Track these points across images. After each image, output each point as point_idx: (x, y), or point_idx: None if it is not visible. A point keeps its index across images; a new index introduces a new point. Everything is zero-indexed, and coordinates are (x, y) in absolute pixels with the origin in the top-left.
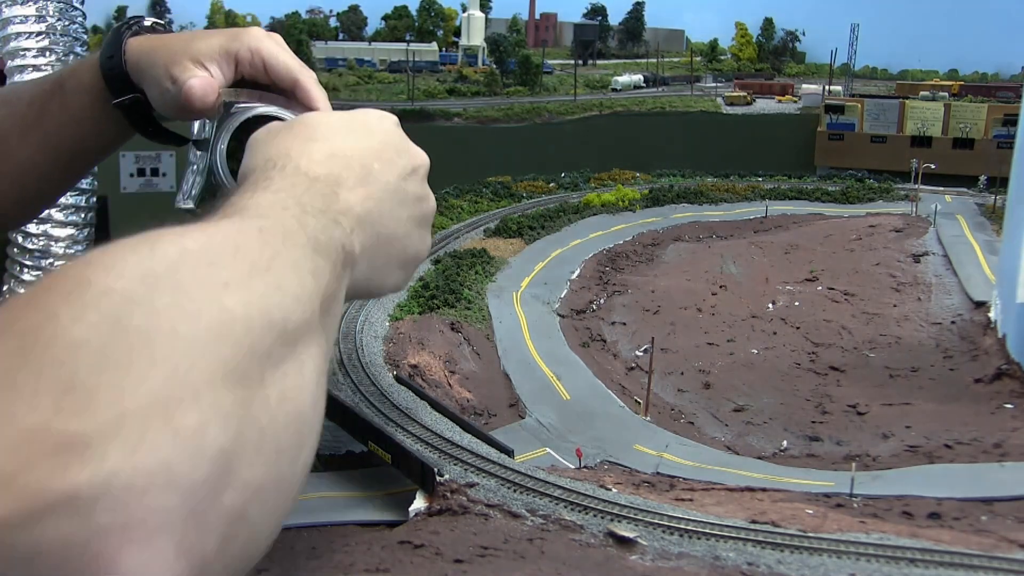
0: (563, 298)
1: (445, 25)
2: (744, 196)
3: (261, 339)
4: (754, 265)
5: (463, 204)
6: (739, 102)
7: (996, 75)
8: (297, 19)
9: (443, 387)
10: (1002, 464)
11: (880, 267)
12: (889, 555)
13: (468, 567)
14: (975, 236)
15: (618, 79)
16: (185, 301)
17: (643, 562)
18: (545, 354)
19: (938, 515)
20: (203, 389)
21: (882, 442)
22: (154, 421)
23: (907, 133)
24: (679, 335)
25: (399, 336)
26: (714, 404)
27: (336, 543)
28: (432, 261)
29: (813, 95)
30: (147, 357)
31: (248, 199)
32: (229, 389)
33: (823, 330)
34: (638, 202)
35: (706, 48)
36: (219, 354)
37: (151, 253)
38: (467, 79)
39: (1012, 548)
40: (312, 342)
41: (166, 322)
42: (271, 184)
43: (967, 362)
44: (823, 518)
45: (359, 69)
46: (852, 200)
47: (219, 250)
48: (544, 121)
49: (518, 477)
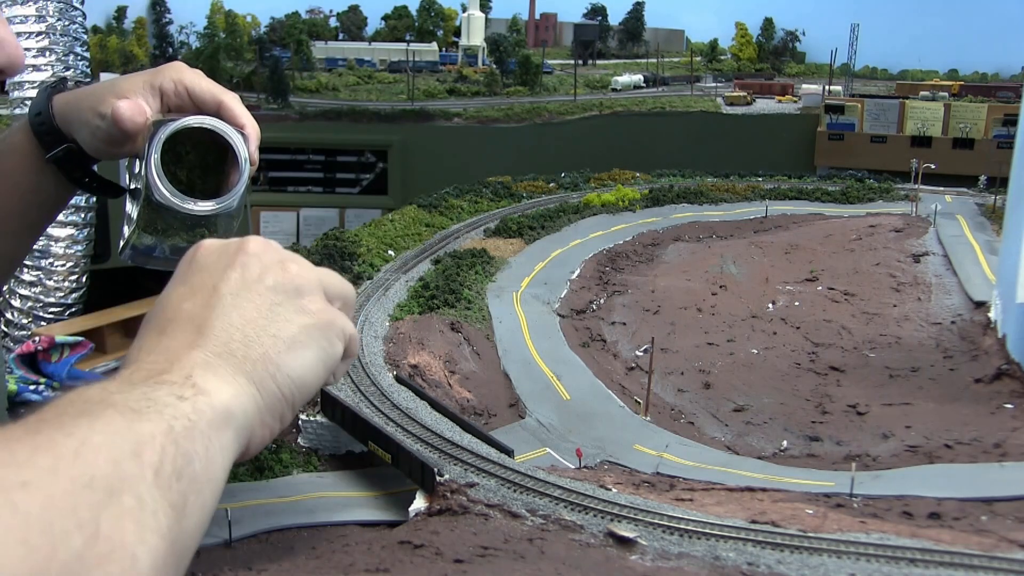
0: (563, 298)
1: (445, 25)
2: (744, 196)
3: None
4: (754, 265)
5: (463, 204)
6: (739, 102)
7: (996, 75)
8: (297, 19)
9: (443, 387)
10: (1002, 464)
11: (880, 267)
12: (889, 555)
13: (468, 567)
14: (975, 236)
15: (618, 79)
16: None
17: (643, 562)
18: (545, 354)
19: (938, 515)
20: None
21: (882, 442)
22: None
23: (907, 133)
24: (679, 335)
25: (399, 336)
26: (714, 404)
27: (336, 543)
28: (432, 261)
29: (813, 95)
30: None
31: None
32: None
33: (823, 330)
34: (638, 202)
35: (706, 48)
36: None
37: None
38: (467, 79)
39: (1012, 548)
40: (135, 494)
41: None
42: (109, 383)
43: (967, 362)
44: (823, 518)
45: (359, 69)
46: (852, 200)
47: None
48: (544, 121)
49: (518, 477)
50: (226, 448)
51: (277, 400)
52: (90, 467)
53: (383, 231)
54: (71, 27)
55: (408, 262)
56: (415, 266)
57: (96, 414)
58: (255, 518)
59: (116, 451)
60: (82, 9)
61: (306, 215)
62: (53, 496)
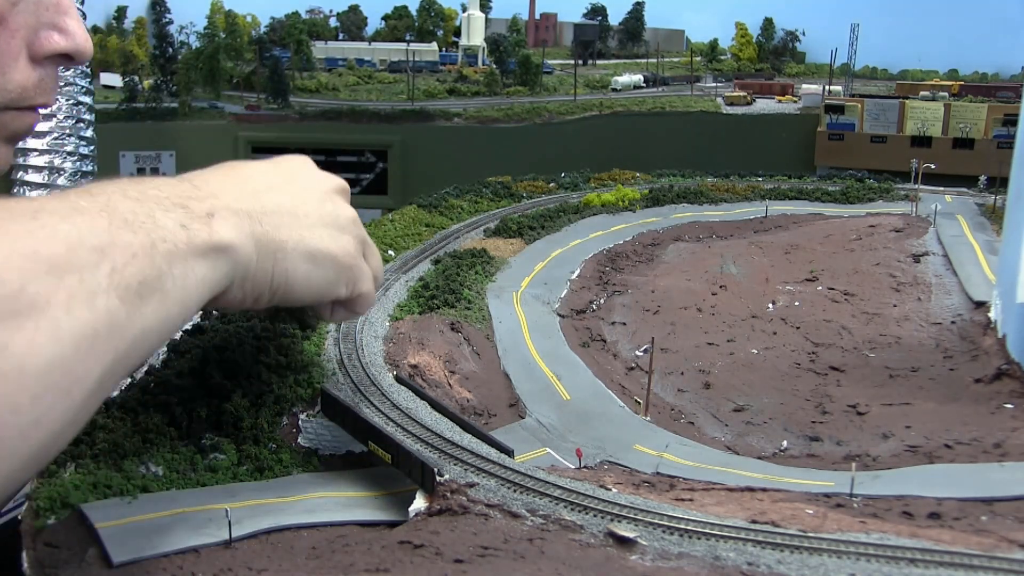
0: (563, 298)
1: (445, 25)
2: (744, 196)
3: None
4: (754, 265)
5: (463, 204)
6: (739, 102)
7: (996, 75)
8: (297, 19)
9: (443, 387)
10: (1002, 464)
11: (880, 267)
12: (889, 555)
13: (468, 567)
14: (975, 236)
15: (618, 79)
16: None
17: (643, 562)
18: (545, 354)
19: (938, 515)
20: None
21: (882, 442)
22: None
23: (907, 133)
24: (679, 335)
25: (399, 336)
26: (714, 404)
27: (336, 543)
28: (432, 261)
29: (813, 95)
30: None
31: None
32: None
33: (823, 330)
34: (638, 202)
35: (706, 48)
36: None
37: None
38: (467, 79)
39: (1012, 548)
40: (81, 277)
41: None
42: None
43: (967, 362)
44: (823, 518)
45: (359, 69)
46: (852, 200)
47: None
48: (544, 121)
49: (518, 477)
50: (206, 279)
51: (264, 277)
52: (38, 245)
53: (383, 231)
54: None
55: (408, 262)
56: (415, 266)
57: (87, 214)
58: (255, 518)
59: (75, 241)
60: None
61: None
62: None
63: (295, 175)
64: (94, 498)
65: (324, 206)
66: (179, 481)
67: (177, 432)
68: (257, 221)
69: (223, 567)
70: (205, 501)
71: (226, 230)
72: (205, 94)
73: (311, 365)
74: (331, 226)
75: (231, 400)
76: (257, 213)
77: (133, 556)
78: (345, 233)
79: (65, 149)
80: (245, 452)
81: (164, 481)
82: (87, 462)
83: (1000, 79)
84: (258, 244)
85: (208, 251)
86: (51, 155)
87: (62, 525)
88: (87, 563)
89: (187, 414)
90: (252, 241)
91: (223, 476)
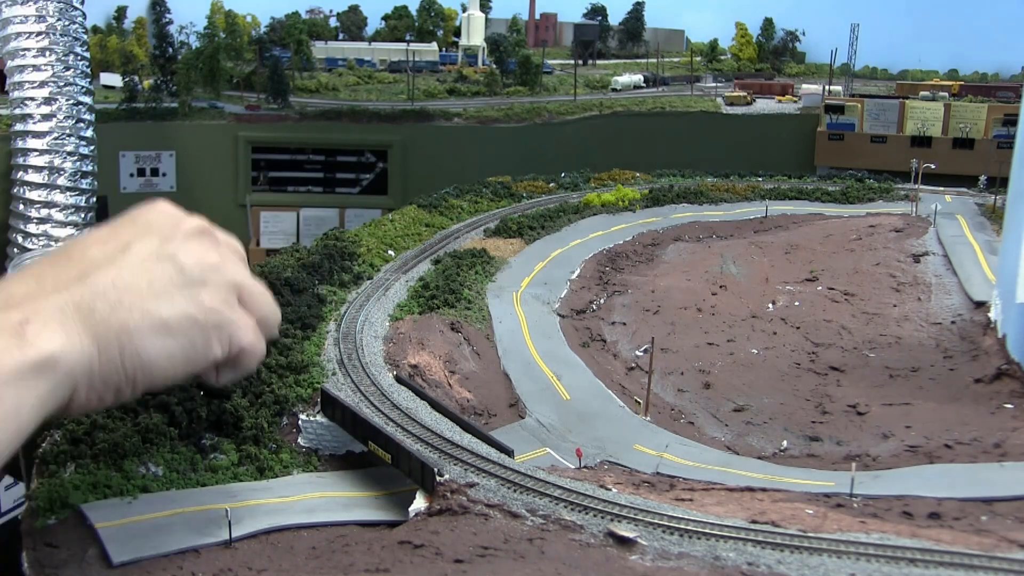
0: (563, 298)
1: (445, 25)
2: (744, 196)
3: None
4: (754, 265)
5: (463, 204)
6: (739, 102)
7: (996, 75)
8: (297, 19)
9: (443, 387)
10: (1002, 464)
11: (880, 267)
12: (889, 555)
13: (468, 567)
14: (975, 236)
15: (618, 79)
16: None
17: (643, 562)
18: (545, 354)
19: (938, 515)
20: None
21: (882, 442)
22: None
23: (907, 133)
24: (679, 335)
25: (399, 336)
26: (714, 404)
27: (336, 543)
28: (432, 261)
29: (813, 95)
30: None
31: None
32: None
33: (823, 330)
34: (638, 202)
35: (706, 48)
36: None
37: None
38: (467, 79)
39: (1012, 548)
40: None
41: None
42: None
43: (967, 362)
44: (823, 518)
45: (359, 69)
46: (852, 200)
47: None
48: (544, 121)
49: (518, 477)
50: (41, 396)
51: (115, 370)
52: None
53: (383, 231)
54: (71, 27)
55: (408, 262)
56: (415, 266)
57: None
58: (255, 518)
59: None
60: (82, 9)
61: (306, 215)
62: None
63: (131, 239)
64: (94, 498)
65: (169, 265)
66: (179, 481)
67: (177, 432)
68: (88, 309)
69: (223, 567)
70: (205, 501)
71: (46, 337)
72: (205, 94)
73: (311, 365)
74: (183, 285)
75: (231, 400)
76: (87, 299)
77: (133, 556)
78: (204, 286)
79: (65, 149)
80: (245, 452)
81: (164, 481)
82: (87, 462)
83: (1000, 79)
84: (96, 335)
85: (25, 372)
86: (51, 155)
87: (62, 525)
88: (87, 563)
89: (187, 414)
90: (87, 335)
91: (223, 476)
